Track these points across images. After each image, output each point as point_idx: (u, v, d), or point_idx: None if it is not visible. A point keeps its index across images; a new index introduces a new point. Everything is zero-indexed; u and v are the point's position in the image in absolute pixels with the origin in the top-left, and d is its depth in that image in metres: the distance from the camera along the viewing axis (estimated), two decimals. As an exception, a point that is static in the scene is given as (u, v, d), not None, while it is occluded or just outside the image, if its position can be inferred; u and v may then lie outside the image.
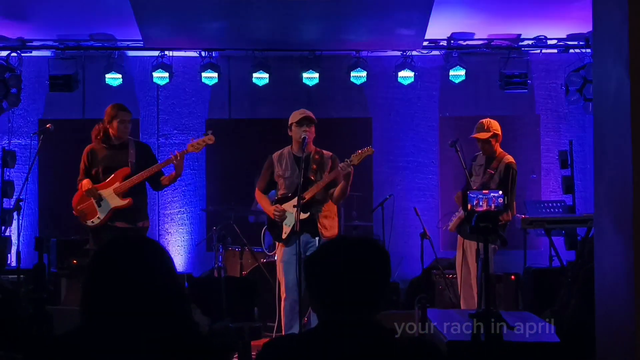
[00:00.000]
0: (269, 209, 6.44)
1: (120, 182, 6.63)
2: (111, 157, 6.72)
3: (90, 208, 6.63)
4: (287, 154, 6.43)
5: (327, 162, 6.37)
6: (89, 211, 6.63)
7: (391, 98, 9.57)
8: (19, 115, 9.51)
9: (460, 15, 8.55)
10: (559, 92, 9.37)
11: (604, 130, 2.76)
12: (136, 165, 6.71)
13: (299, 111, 6.40)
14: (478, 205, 5.50)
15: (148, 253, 2.45)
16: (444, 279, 7.98)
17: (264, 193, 6.58)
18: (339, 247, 2.48)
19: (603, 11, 2.78)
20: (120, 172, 6.66)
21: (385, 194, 8.76)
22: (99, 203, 6.61)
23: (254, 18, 8.35)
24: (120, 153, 6.74)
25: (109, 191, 6.62)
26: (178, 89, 9.58)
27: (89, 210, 6.63)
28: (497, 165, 7.11)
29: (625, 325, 2.55)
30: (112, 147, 6.75)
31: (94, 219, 6.62)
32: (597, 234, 2.91)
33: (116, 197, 6.60)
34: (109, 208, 6.60)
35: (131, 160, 6.72)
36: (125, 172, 6.66)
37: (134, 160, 6.73)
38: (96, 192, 6.60)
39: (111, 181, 6.65)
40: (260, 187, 6.58)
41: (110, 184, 6.64)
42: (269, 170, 6.52)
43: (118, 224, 6.63)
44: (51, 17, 8.60)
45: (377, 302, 2.43)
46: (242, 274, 7.87)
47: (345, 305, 2.39)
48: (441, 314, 5.46)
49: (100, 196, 6.60)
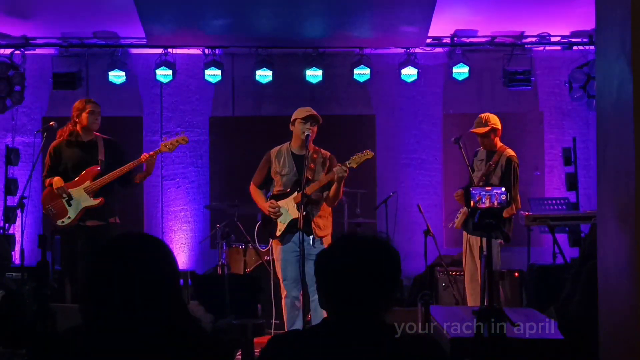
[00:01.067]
0: (263, 205, 6.38)
1: (90, 180, 6.53)
2: (80, 155, 6.63)
3: (60, 207, 6.53)
4: (286, 151, 6.38)
5: (325, 162, 6.33)
6: (58, 210, 6.54)
7: (395, 95, 9.57)
8: (22, 113, 9.52)
9: (463, 12, 8.54)
10: (562, 89, 9.36)
11: (607, 127, 2.76)
12: (106, 163, 6.61)
13: (305, 108, 6.36)
14: (481, 201, 5.49)
15: (150, 250, 2.45)
16: (448, 276, 7.98)
17: (260, 188, 6.53)
18: (351, 245, 2.47)
19: (606, 8, 2.78)
20: (89, 170, 6.57)
21: (389, 191, 8.76)
22: (68, 202, 6.51)
23: (258, 15, 8.35)
24: (90, 150, 6.64)
25: (79, 190, 6.53)
26: (181, 86, 9.59)
27: (58, 209, 6.54)
28: (497, 158, 7.11)
29: (629, 321, 2.55)
30: (81, 144, 6.66)
31: (64, 218, 6.54)
32: (600, 230, 2.91)
33: (87, 196, 6.51)
34: (80, 208, 6.52)
35: (101, 158, 6.63)
36: (95, 171, 6.57)
37: (103, 158, 6.63)
38: (66, 191, 6.50)
39: (81, 180, 6.55)
40: (255, 182, 6.50)
41: (80, 182, 6.55)
42: (266, 166, 6.47)
43: (89, 222, 6.55)
44: (55, 15, 8.60)
45: (386, 303, 2.43)
46: (246, 271, 7.88)
47: (354, 305, 2.39)
48: (444, 310, 5.46)
49: (70, 195, 6.51)
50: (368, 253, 2.44)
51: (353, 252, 2.44)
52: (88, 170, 6.57)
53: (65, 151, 6.65)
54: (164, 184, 9.48)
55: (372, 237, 2.53)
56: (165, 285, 2.41)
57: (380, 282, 2.42)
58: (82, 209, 6.52)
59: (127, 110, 9.31)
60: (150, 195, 9.49)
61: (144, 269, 2.39)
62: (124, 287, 2.35)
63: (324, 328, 2.44)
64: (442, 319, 4.87)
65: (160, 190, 9.50)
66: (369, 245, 2.46)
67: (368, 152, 6.17)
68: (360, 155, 6.14)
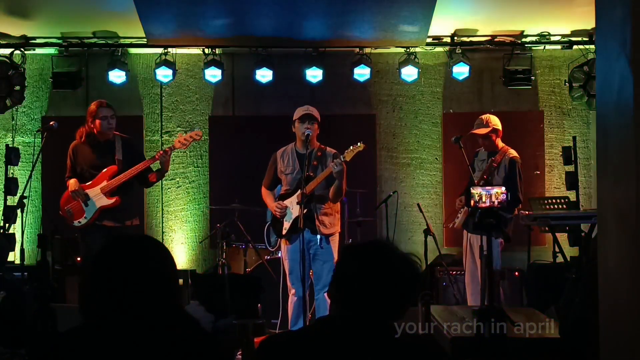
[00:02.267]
0: (271, 205, 6.50)
1: (107, 180, 6.55)
2: (97, 155, 6.64)
3: (77, 208, 6.56)
4: (290, 151, 6.46)
5: (328, 158, 6.38)
6: (75, 211, 6.57)
7: (395, 95, 9.56)
8: (22, 113, 9.51)
9: (463, 12, 8.54)
10: (562, 88, 9.35)
11: (607, 126, 2.75)
12: (124, 162, 6.62)
13: (302, 107, 6.43)
14: (481, 201, 5.49)
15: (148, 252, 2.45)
16: (448, 275, 7.98)
17: (269, 189, 6.62)
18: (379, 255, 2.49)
19: (606, 6, 2.78)
20: (107, 170, 6.59)
21: (389, 190, 8.77)
22: (85, 203, 6.53)
23: (258, 15, 8.34)
24: (107, 150, 6.65)
25: (96, 190, 6.55)
26: (181, 86, 9.58)
27: (75, 210, 6.57)
28: (500, 159, 7.11)
29: (630, 321, 2.54)
30: (98, 144, 6.66)
31: (81, 219, 6.56)
32: (600, 229, 2.90)
33: (103, 196, 6.53)
34: (96, 208, 6.54)
35: (118, 157, 6.63)
36: (113, 170, 6.58)
37: (121, 157, 6.64)
38: (82, 193, 6.52)
39: (98, 180, 6.57)
40: (265, 184, 6.64)
41: (98, 183, 6.57)
42: (272, 167, 6.57)
43: (106, 222, 6.56)
44: (54, 15, 8.60)
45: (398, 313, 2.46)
46: (246, 271, 7.87)
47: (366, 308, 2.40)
48: (445, 310, 5.46)
49: (87, 196, 6.52)
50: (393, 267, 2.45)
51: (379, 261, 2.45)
52: (106, 170, 6.59)
53: (82, 152, 6.67)
54: (164, 184, 9.47)
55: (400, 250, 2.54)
56: (164, 286, 2.42)
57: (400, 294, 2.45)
58: (98, 209, 6.55)
59: (127, 110, 9.29)
60: (151, 195, 9.49)
61: (142, 270, 2.40)
62: (122, 289, 2.36)
63: (318, 328, 2.44)
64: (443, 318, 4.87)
65: (161, 190, 9.49)
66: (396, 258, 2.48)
67: (360, 144, 6.26)
68: (353, 148, 6.24)
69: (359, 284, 2.42)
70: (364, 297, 2.40)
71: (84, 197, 6.54)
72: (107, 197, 6.55)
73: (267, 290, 7.36)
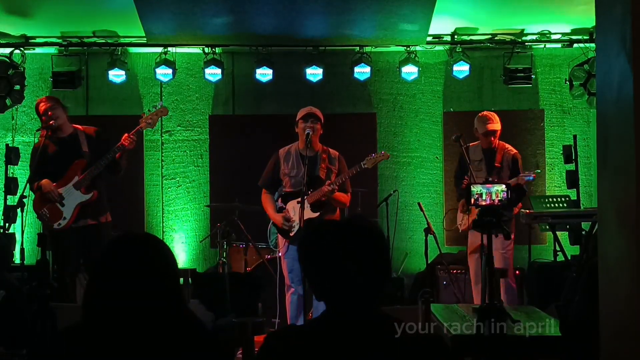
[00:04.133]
0: (275, 217, 6.48)
1: (79, 174, 6.40)
2: (63, 151, 6.50)
3: (54, 209, 6.41)
4: (294, 152, 6.45)
5: (334, 161, 6.44)
6: (52, 212, 6.42)
7: (395, 93, 9.56)
8: (22, 112, 9.50)
9: (464, 10, 8.52)
10: (563, 86, 9.34)
11: (608, 125, 2.75)
12: (91, 154, 6.48)
13: (305, 108, 6.46)
14: (481, 198, 5.48)
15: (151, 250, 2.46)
16: (448, 274, 7.97)
17: (268, 190, 6.59)
18: (333, 234, 2.39)
19: (606, 5, 2.77)
20: (75, 164, 6.45)
21: (390, 189, 8.76)
22: (61, 203, 6.39)
23: (258, 14, 8.33)
24: (71, 145, 6.51)
25: (69, 188, 6.40)
26: (181, 85, 9.58)
27: (52, 211, 6.42)
28: (501, 158, 7.11)
29: (629, 320, 2.54)
30: (61, 140, 6.52)
31: (60, 220, 6.41)
32: (600, 228, 2.90)
33: (78, 192, 6.39)
34: (74, 205, 6.40)
35: (84, 149, 6.50)
36: (82, 164, 6.44)
37: (87, 149, 6.50)
38: (56, 191, 6.37)
39: (69, 176, 6.43)
40: (264, 183, 6.58)
41: (69, 179, 6.42)
42: (274, 168, 6.53)
43: (81, 222, 6.43)
44: (54, 14, 8.59)
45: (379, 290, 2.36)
46: (247, 270, 7.88)
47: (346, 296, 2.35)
48: (445, 309, 5.46)
49: (60, 195, 6.38)
50: (352, 235, 2.36)
51: (337, 240, 2.36)
52: (74, 164, 6.45)
53: (47, 151, 6.51)
54: (164, 183, 9.47)
55: (352, 221, 2.44)
56: (166, 285, 2.42)
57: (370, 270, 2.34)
58: (77, 207, 6.41)
59: (127, 109, 9.29)
60: (151, 194, 9.49)
61: (145, 269, 2.40)
62: (125, 287, 2.36)
63: (322, 322, 2.41)
64: (443, 316, 4.88)
65: (161, 189, 9.49)
66: (352, 231, 2.38)
67: (384, 153, 6.37)
68: (376, 156, 6.43)
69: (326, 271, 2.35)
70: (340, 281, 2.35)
71: (58, 196, 6.38)
72: (82, 192, 6.40)
73: (267, 289, 7.36)
